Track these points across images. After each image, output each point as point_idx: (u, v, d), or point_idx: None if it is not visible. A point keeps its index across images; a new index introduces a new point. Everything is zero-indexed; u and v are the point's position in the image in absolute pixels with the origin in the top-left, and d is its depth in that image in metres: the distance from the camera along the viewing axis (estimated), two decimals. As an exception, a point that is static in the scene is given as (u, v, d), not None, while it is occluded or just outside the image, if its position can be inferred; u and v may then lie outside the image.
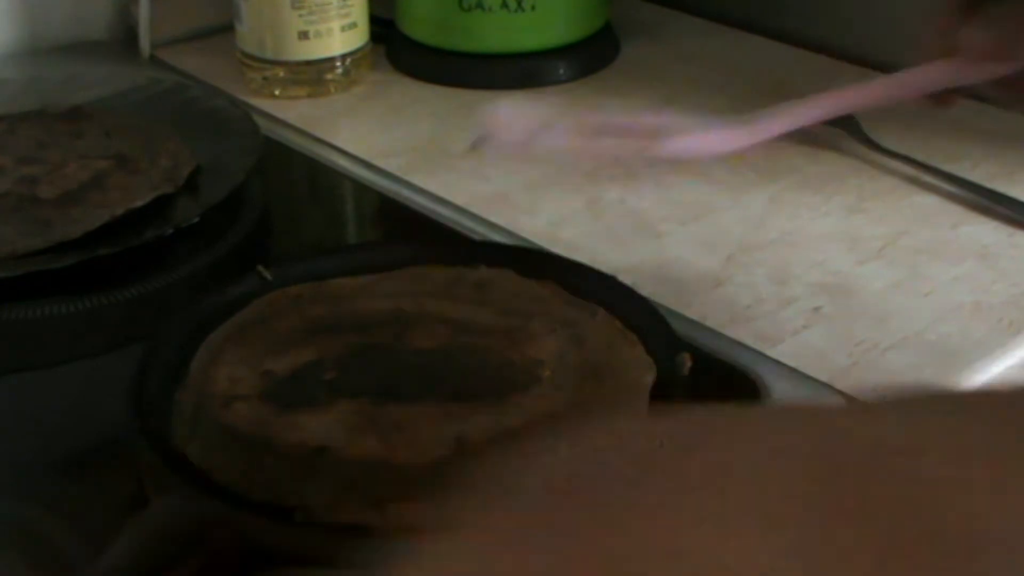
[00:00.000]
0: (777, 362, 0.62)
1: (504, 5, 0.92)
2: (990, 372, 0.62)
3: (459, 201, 0.77)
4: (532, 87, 0.93)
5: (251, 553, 0.48)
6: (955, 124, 0.85)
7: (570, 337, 0.58)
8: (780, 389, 0.59)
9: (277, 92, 0.91)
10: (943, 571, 0.27)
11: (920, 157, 0.80)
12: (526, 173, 0.80)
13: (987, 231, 0.73)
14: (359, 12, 0.92)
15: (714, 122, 0.64)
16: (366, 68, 0.94)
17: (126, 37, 1.01)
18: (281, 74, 0.91)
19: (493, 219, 0.74)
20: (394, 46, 0.98)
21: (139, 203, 0.71)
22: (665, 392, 0.55)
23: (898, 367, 0.62)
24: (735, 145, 0.64)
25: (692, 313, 0.65)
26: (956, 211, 0.75)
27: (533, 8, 0.92)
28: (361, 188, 0.81)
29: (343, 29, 0.90)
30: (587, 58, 0.96)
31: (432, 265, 0.64)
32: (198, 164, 0.76)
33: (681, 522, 0.29)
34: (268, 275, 0.63)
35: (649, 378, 0.56)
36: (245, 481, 0.50)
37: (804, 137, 0.84)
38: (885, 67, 0.93)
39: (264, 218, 0.76)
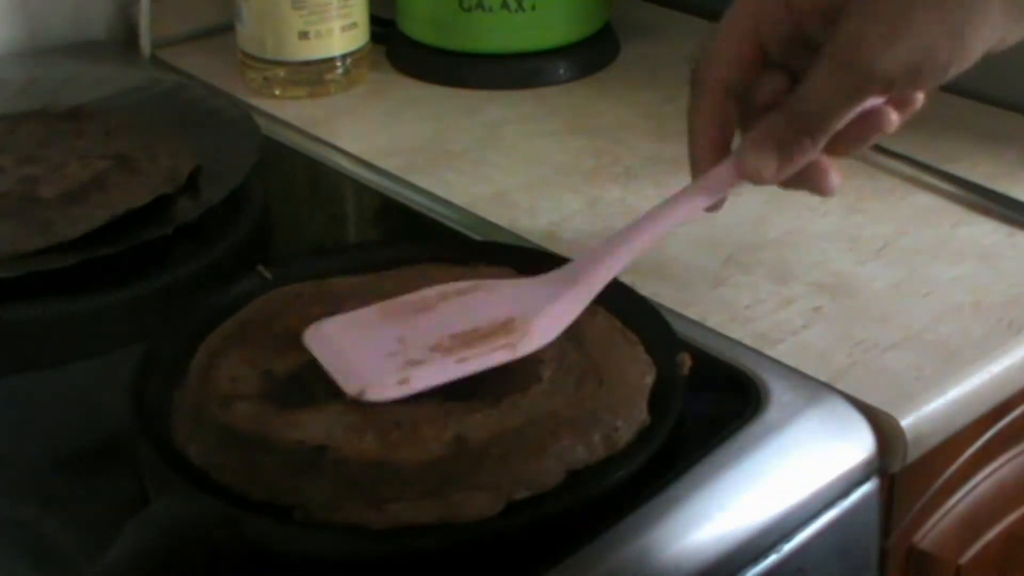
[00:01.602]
0: (777, 362, 0.62)
1: (504, 5, 0.92)
2: (990, 372, 0.62)
3: (459, 201, 0.77)
4: (532, 87, 0.93)
5: (251, 553, 0.48)
6: (955, 124, 0.85)
7: (570, 337, 0.58)
8: (780, 389, 0.59)
9: (277, 92, 0.91)
10: None
11: (920, 157, 0.79)
12: (526, 173, 0.80)
13: (987, 231, 0.73)
14: (359, 12, 0.92)
15: (546, 288, 0.57)
16: (366, 68, 0.94)
17: (126, 37, 1.01)
18: (281, 74, 0.91)
19: (493, 219, 0.74)
20: (394, 46, 0.98)
21: (139, 203, 0.71)
22: (665, 392, 0.55)
23: (898, 367, 0.62)
24: (568, 321, 0.57)
25: (692, 313, 0.65)
26: (956, 211, 0.75)
27: (533, 8, 0.92)
28: (361, 188, 0.81)
29: (343, 29, 0.90)
30: (587, 58, 0.96)
31: (432, 265, 0.64)
32: (198, 164, 0.76)
33: None
34: (268, 275, 0.63)
35: (649, 378, 0.56)
36: (245, 481, 0.50)
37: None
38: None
39: (264, 218, 0.76)
